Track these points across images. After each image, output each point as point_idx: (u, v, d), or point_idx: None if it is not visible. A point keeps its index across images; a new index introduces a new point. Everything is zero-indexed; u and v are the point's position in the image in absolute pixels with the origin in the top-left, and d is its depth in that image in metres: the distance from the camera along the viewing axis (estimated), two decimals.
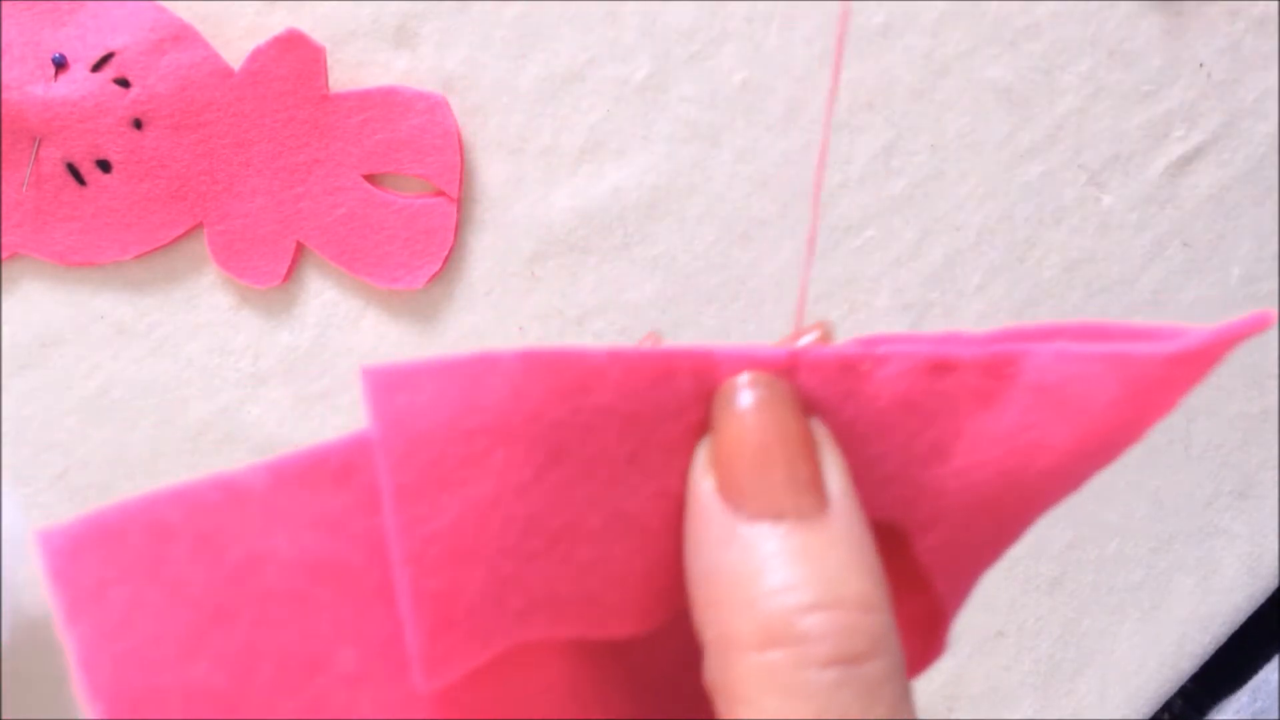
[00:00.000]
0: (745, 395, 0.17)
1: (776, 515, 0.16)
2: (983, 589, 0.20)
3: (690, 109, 0.40)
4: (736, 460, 0.17)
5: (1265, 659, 0.47)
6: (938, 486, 0.18)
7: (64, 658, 0.15)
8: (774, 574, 0.16)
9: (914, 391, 0.18)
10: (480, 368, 0.16)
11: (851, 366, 0.18)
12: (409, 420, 0.15)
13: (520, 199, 0.41)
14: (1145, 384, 0.17)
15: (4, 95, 0.39)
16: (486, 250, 0.41)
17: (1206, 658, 0.47)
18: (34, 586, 0.42)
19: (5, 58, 0.39)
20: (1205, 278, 0.43)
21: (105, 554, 0.15)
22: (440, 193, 0.40)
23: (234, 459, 0.42)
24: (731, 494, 0.17)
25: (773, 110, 0.40)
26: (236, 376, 0.41)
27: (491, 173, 0.40)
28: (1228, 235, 0.43)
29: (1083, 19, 0.41)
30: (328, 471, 0.16)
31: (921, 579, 0.19)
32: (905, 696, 0.16)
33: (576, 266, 0.41)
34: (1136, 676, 0.46)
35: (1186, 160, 0.42)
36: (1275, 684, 0.46)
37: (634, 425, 0.17)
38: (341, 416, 0.41)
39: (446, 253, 0.40)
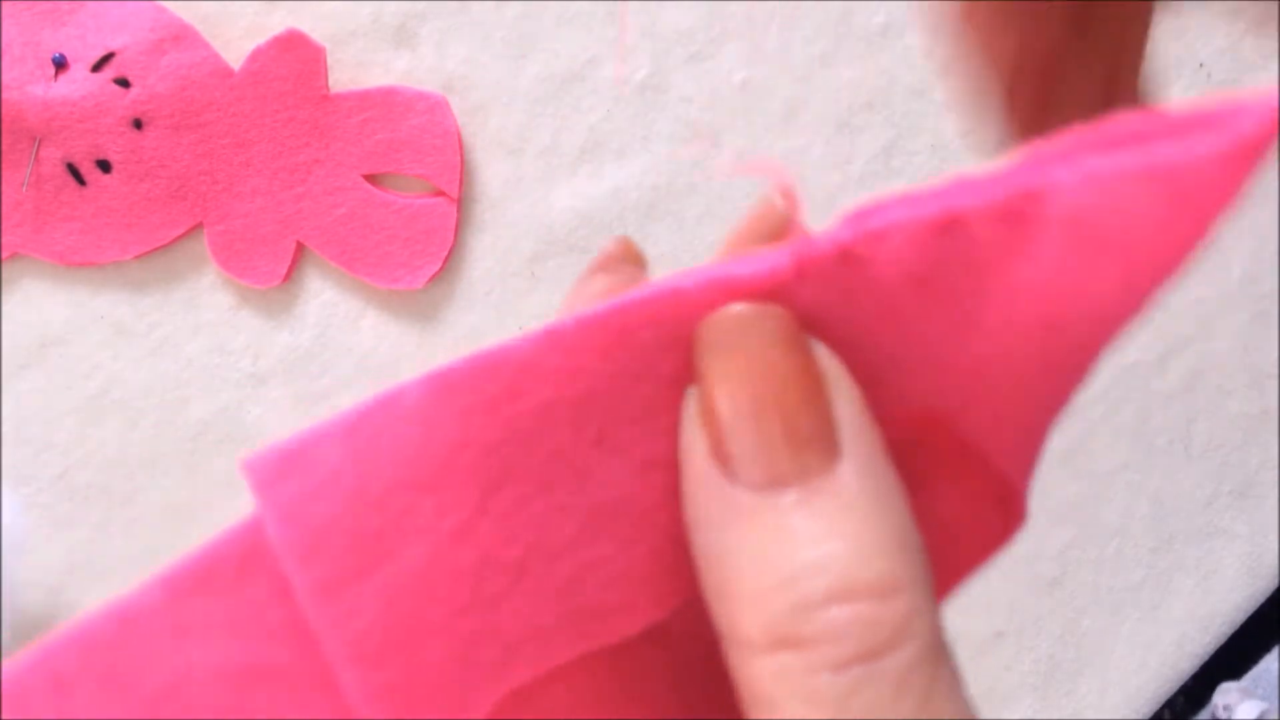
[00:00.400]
0: (727, 336, 0.15)
1: (777, 482, 0.14)
2: (982, 589, 0.19)
3: (690, 109, 0.40)
4: (725, 418, 0.14)
5: (1264, 651, 0.47)
6: (974, 360, 0.15)
7: None
8: (779, 560, 0.14)
9: (923, 262, 0.15)
10: (378, 415, 0.14)
11: (848, 253, 0.15)
12: (304, 509, 0.13)
13: (520, 199, 0.41)
14: (1197, 192, 0.13)
15: (4, 95, 0.39)
16: (486, 250, 0.41)
17: (1206, 657, 0.47)
18: (34, 587, 0.42)
19: (5, 58, 0.39)
20: (1205, 278, 0.43)
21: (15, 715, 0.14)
22: (440, 193, 0.40)
23: (234, 459, 0.42)
24: (725, 458, 0.14)
25: (773, 110, 0.40)
26: (236, 376, 0.41)
27: (491, 173, 0.40)
28: (1228, 235, 0.43)
29: None
30: (226, 570, 0.14)
31: (980, 455, 0.16)
32: (938, 681, 0.14)
33: (576, 266, 0.41)
34: (1136, 676, 0.46)
35: None
36: (1275, 673, 0.46)
37: (590, 405, 0.15)
38: None
39: (446, 253, 0.40)
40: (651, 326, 0.15)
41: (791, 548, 0.14)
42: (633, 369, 0.15)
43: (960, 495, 0.17)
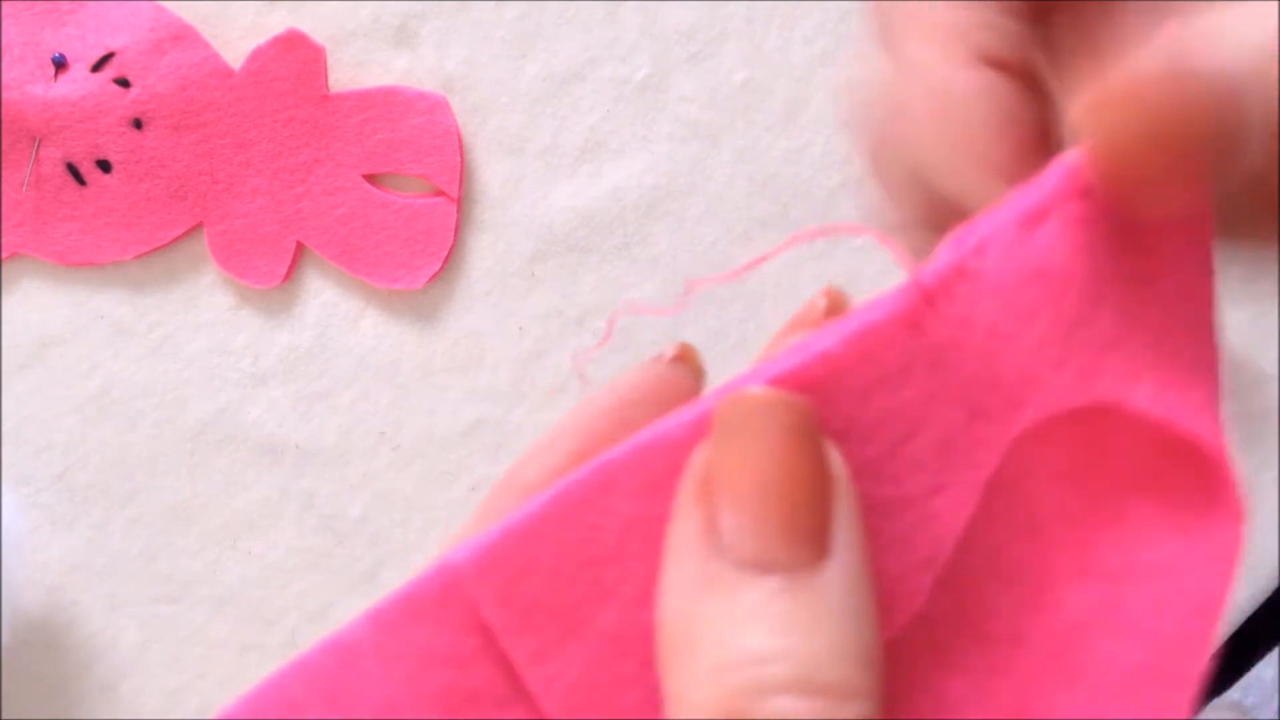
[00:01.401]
0: (745, 417, 0.15)
1: (766, 566, 0.14)
2: None
3: (690, 109, 0.40)
4: (730, 494, 0.15)
5: (1259, 656, 0.47)
6: (1112, 337, 0.16)
7: (64, 658, 0.15)
8: (750, 638, 0.14)
9: (1026, 261, 0.15)
10: (559, 507, 0.16)
11: (961, 270, 0.16)
12: (513, 592, 0.16)
13: (520, 199, 0.41)
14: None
15: (4, 95, 0.39)
16: (486, 250, 0.41)
17: None
18: (34, 586, 0.42)
19: (5, 58, 0.39)
20: None
21: None
22: (440, 193, 0.40)
23: (234, 459, 0.42)
24: (718, 532, 0.15)
25: (773, 110, 0.40)
26: (236, 376, 0.41)
27: (491, 173, 0.40)
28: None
29: None
30: (424, 606, 0.16)
31: (1171, 439, 0.16)
32: None
33: (576, 266, 0.41)
34: None
35: None
36: (1270, 680, 0.46)
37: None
38: (341, 416, 0.41)
39: (446, 253, 0.40)
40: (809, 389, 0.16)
41: (764, 630, 0.14)
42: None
43: (1164, 515, 0.17)
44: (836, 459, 0.15)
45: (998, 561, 0.16)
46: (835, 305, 0.20)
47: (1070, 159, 0.16)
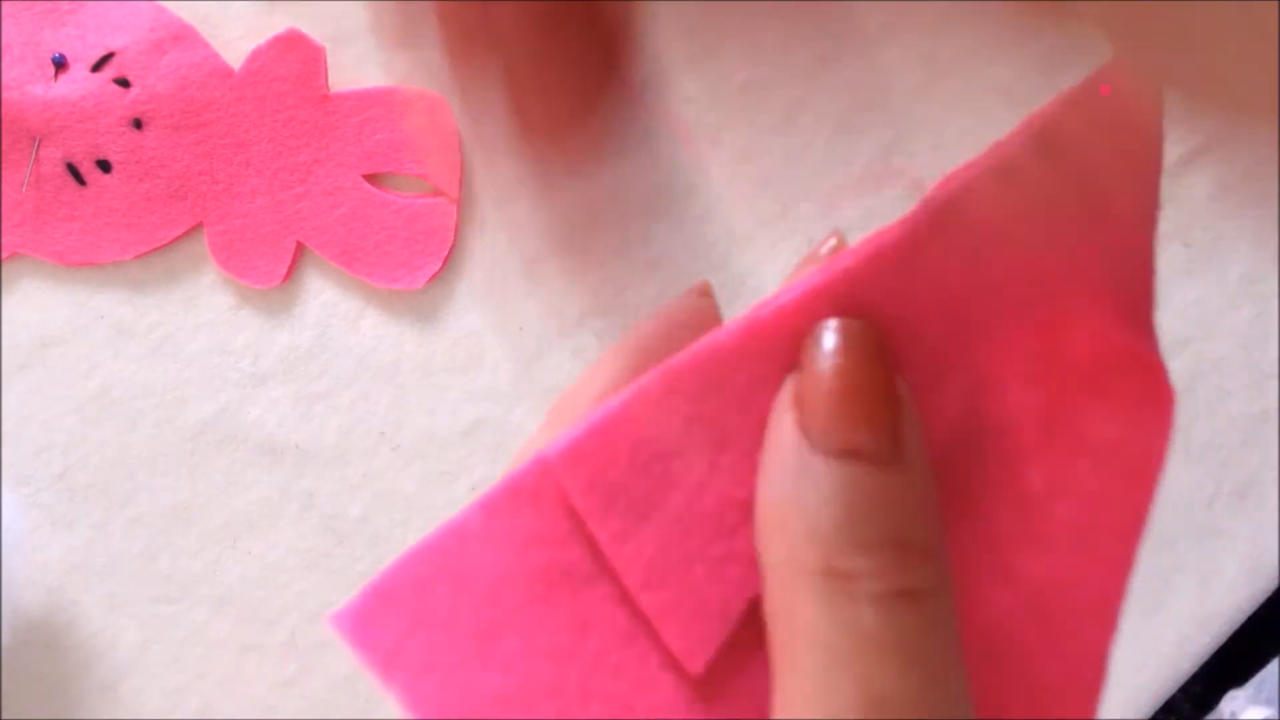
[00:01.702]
0: (834, 340, 0.18)
1: (853, 453, 0.17)
2: None
3: (690, 109, 0.40)
4: (822, 399, 0.17)
5: (1261, 659, 0.47)
6: (1074, 265, 0.19)
7: (64, 658, 0.15)
8: (845, 508, 0.17)
9: (1001, 203, 0.19)
10: (629, 410, 0.18)
11: (950, 205, 0.19)
12: (600, 480, 0.18)
13: (520, 199, 0.41)
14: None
15: (4, 95, 0.39)
16: (486, 250, 0.41)
17: (1206, 658, 0.47)
18: (34, 586, 0.42)
19: (5, 58, 0.39)
20: (1205, 277, 0.43)
21: (390, 616, 0.18)
22: (440, 193, 0.40)
23: (234, 459, 0.42)
24: (813, 430, 0.17)
25: (773, 110, 0.40)
26: (236, 376, 0.41)
27: (491, 173, 0.40)
28: (1228, 235, 0.43)
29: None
30: (525, 494, 0.18)
31: (1117, 347, 0.20)
32: (956, 643, 0.17)
33: (577, 266, 0.41)
34: (1137, 676, 0.46)
35: (1186, 160, 0.42)
36: (1272, 679, 0.46)
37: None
38: (341, 416, 0.41)
39: (446, 253, 0.40)
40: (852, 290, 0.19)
41: (854, 500, 0.17)
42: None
43: (1108, 407, 0.20)
44: (903, 386, 0.18)
45: (977, 448, 0.20)
46: (841, 245, 0.23)
47: (1026, 122, 0.19)
